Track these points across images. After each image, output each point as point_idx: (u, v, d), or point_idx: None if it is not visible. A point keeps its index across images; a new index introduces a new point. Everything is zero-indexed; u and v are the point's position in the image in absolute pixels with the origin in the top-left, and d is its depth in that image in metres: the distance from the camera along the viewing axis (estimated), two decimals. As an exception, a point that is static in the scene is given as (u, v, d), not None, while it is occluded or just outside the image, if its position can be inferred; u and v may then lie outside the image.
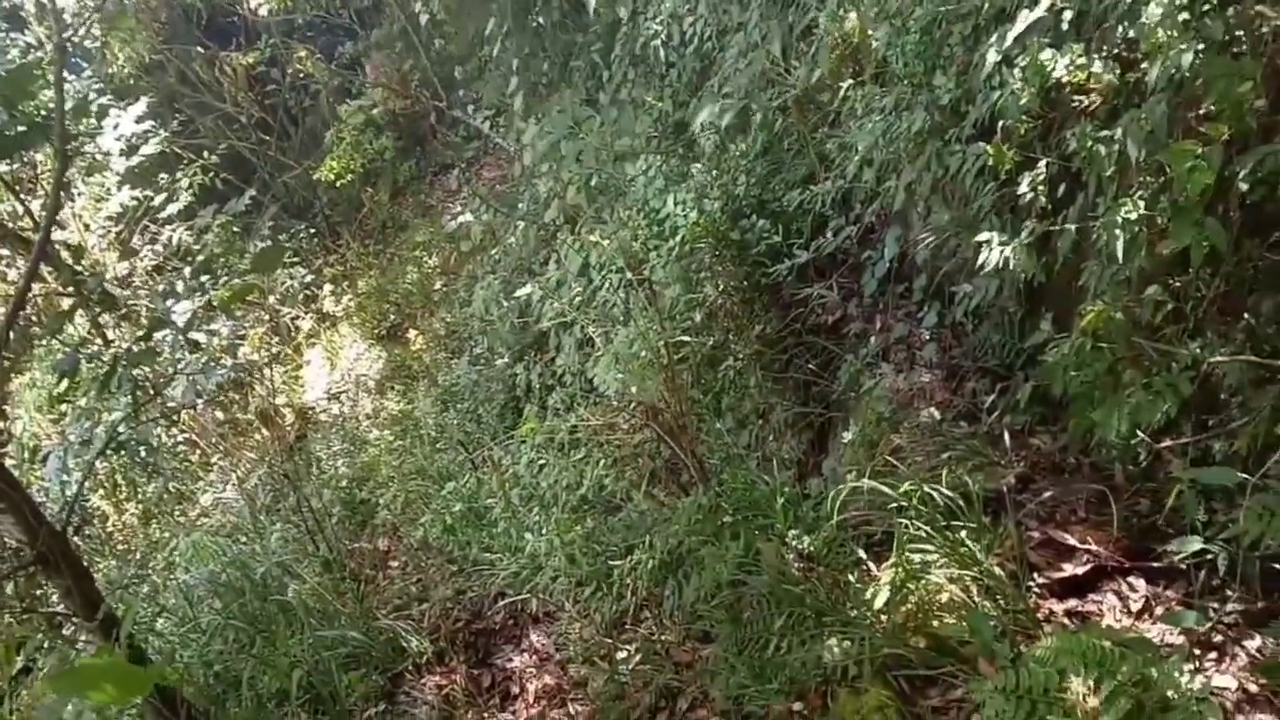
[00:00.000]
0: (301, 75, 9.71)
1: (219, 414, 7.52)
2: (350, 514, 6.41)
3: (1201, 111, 2.79)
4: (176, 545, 6.12)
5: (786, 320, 4.99)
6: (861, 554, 3.43)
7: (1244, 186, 2.70)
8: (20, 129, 3.14)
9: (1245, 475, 2.48)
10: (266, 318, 8.50)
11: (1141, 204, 2.85)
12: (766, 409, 5.05)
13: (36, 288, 6.63)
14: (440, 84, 8.86)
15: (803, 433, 4.94)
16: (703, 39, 5.56)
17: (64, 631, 4.46)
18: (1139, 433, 3.01)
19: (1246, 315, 2.90)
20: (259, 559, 5.28)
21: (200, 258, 7.84)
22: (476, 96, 8.16)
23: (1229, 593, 2.82)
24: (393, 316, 8.88)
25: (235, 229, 7.99)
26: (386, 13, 9.57)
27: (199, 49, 9.94)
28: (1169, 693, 2.17)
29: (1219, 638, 2.76)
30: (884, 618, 3.00)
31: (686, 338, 4.87)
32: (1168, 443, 3.02)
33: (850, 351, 4.66)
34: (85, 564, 3.58)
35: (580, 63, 6.96)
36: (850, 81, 4.29)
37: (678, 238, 4.89)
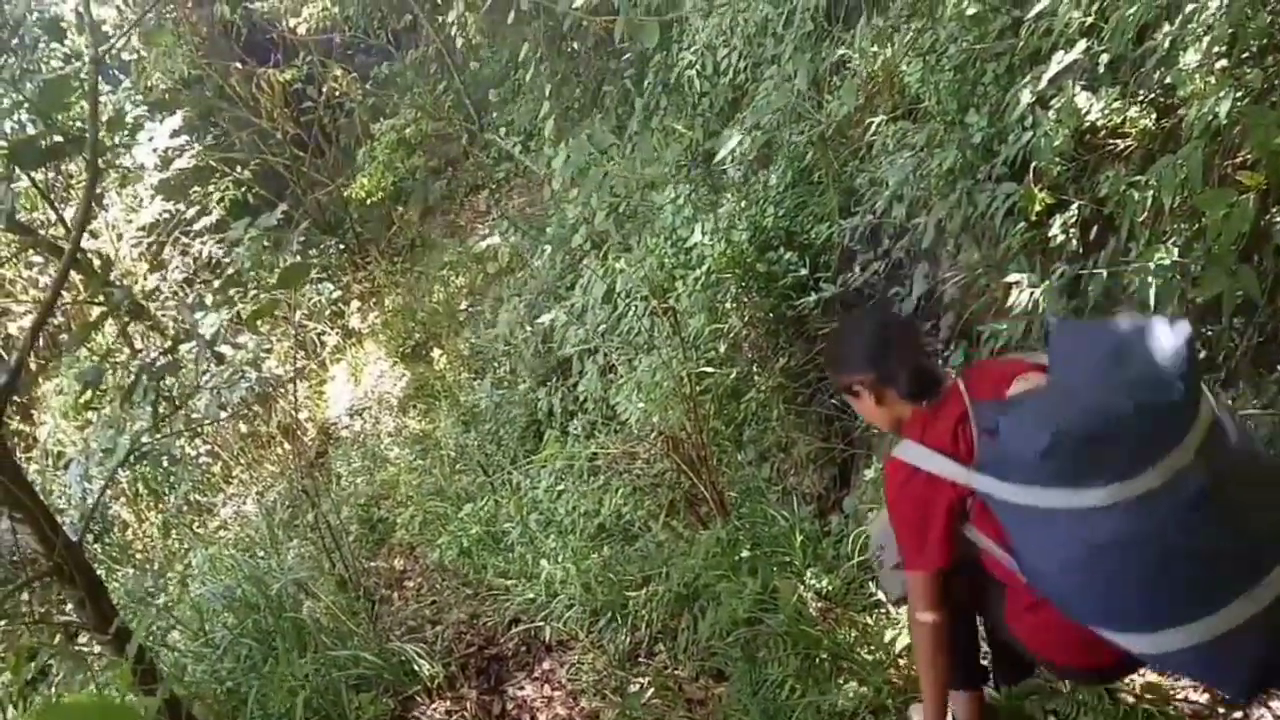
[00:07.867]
0: (337, 94, 9.80)
1: (242, 427, 7.54)
2: (368, 532, 6.38)
3: (1238, 160, 2.75)
4: (194, 557, 6.13)
5: (810, 354, 4.95)
6: (881, 596, 3.38)
7: (1280, 238, 2.66)
8: (54, 139, 3.15)
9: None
10: (293, 332, 8.53)
11: (1175, 251, 2.80)
12: (789, 443, 5.00)
13: (66, 296, 6.70)
14: (473, 106, 8.92)
15: (824, 468, 4.88)
16: (737, 70, 5.55)
17: (80, 641, 4.46)
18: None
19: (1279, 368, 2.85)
20: (274, 575, 5.25)
21: (229, 271, 7.90)
22: (509, 119, 8.21)
23: None
24: (418, 335, 8.87)
25: (265, 243, 8.05)
26: (423, 35, 9.66)
27: (237, 65, 10.07)
28: None
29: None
30: (901, 662, 2.94)
31: (710, 368, 4.83)
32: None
33: (874, 387, 4.59)
34: (100, 575, 3.58)
35: (612, 89, 6.98)
36: (883, 117, 4.27)
37: (704, 267, 4.86)
